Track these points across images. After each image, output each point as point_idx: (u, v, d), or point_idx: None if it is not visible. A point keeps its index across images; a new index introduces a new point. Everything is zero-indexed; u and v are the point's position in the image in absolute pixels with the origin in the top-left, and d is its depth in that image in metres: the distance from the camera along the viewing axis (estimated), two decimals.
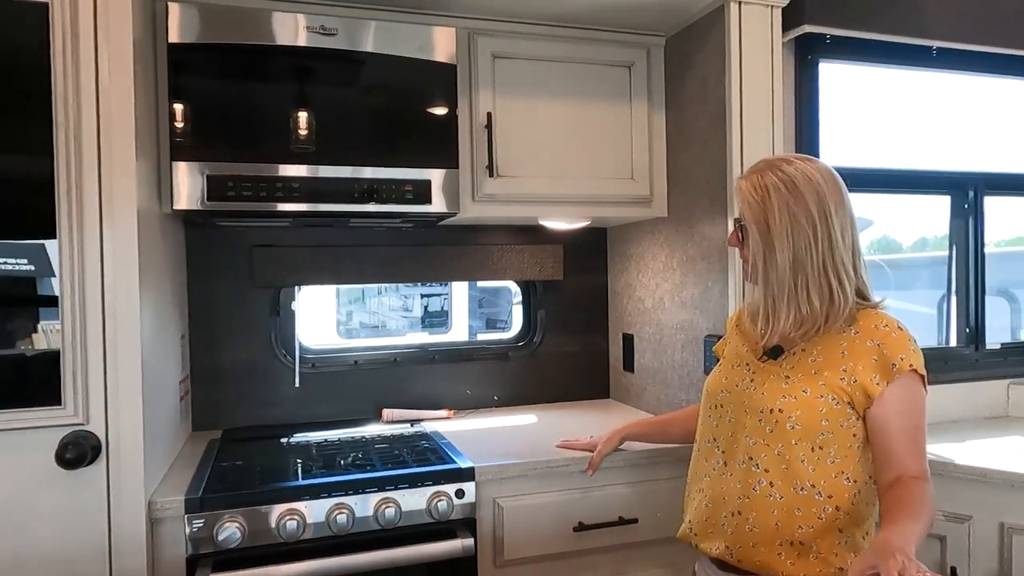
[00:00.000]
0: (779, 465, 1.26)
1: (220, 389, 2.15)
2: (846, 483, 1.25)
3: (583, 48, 2.02)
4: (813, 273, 1.24)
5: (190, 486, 1.57)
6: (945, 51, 2.04)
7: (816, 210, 1.23)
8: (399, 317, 5.15)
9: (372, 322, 5.13)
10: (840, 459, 1.25)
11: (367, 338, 4.92)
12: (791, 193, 1.24)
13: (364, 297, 5.02)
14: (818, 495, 1.24)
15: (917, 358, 1.23)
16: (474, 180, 1.94)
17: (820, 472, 1.24)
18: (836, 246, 1.24)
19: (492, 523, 1.70)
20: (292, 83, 1.75)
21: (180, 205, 1.66)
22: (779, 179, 1.26)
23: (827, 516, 1.24)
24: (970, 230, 2.24)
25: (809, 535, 1.24)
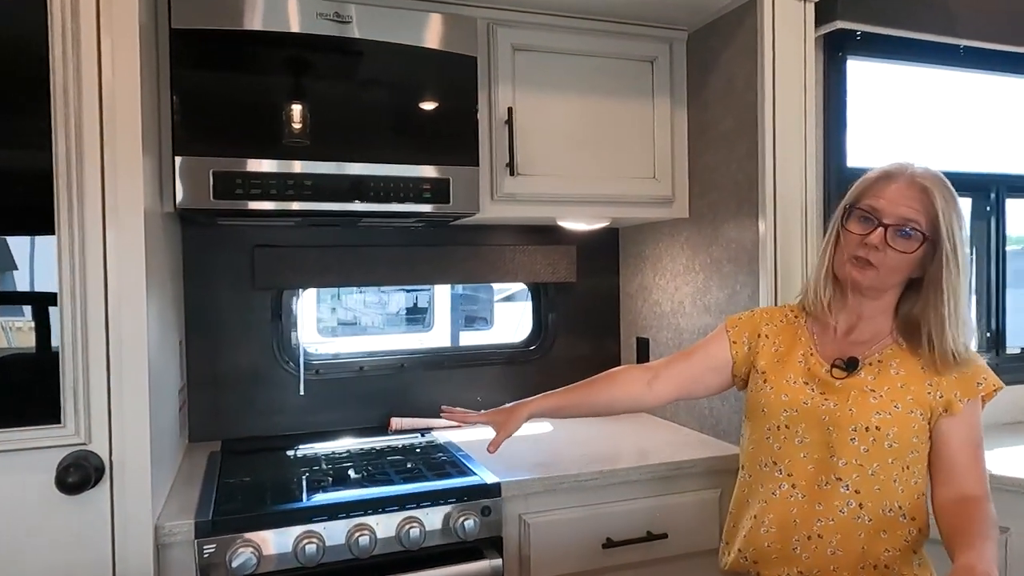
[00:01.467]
0: (872, 486, 1.20)
1: (218, 397, 2.03)
2: (925, 503, 1.19)
3: (604, 41, 1.94)
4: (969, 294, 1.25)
5: (198, 507, 1.46)
6: (972, 50, 2.00)
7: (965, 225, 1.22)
8: (375, 314, 5.04)
9: (348, 319, 5.01)
10: (920, 478, 1.20)
11: (346, 336, 4.80)
12: (955, 202, 1.23)
13: (340, 294, 4.90)
14: (903, 517, 1.19)
15: (996, 383, 1.22)
16: (493, 179, 1.85)
17: (907, 493, 1.19)
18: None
19: (518, 541, 1.62)
20: (304, 73, 1.64)
21: (184, 203, 1.55)
22: (949, 189, 1.23)
23: (912, 539, 1.19)
24: (992, 232, 2.21)
25: (894, 559, 1.18)
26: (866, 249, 1.21)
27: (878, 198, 1.23)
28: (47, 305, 1.29)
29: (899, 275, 1.23)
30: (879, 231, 1.20)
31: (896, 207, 1.20)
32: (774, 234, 1.76)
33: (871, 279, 1.23)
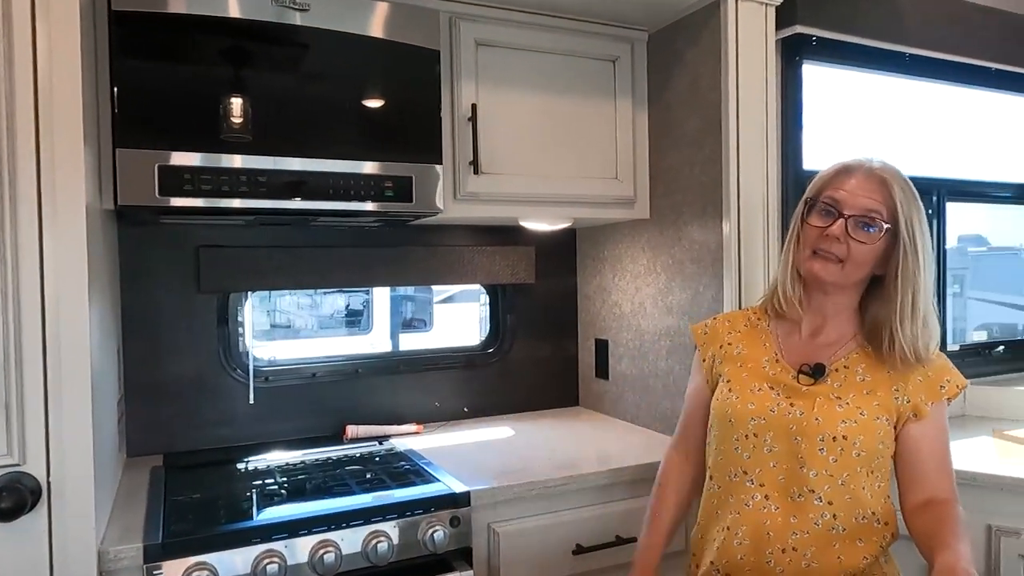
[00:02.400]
0: (843, 496, 1.19)
1: (160, 408, 1.90)
2: (892, 504, 1.21)
3: (567, 39, 1.91)
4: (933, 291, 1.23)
5: (145, 529, 1.35)
6: (918, 58, 2.08)
7: (925, 221, 1.22)
8: (308, 316, 4.89)
9: (282, 322, 4.84)
10: (884, 481, 1.21)
11: (280, 340, 4.63)
12: (916, 199, 1.22)
13: (272, 296, 4.72)
14: (877, 522, 1.19)
15: (960, 382, 1.24)
16: (456, 177, 1.79)
17: (876, 497, 1.19)
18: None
19: (487, 551, 1.57)
20: (260, 63, 1.54)
21: (127, 200, 1.43)
22: (908, 183, 1.23)
23: (886, 543, 1.19)
24: (934, 234, 2.29)
25: (873, 566, 1.18)
26: (828, 241, 1.20)
27: (838, 190, 1.22)
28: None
29: (862, 269, 1.22)
30: (840, 222, 1.20)
31: (856, 198, 1.20)
32: (738, 235, 1.77)
33: (833, 273, 1.22)
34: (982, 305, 3.00)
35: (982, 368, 2.36)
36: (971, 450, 1.92)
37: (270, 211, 1.57)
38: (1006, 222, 2.73)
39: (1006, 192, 2.52)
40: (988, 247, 3.02)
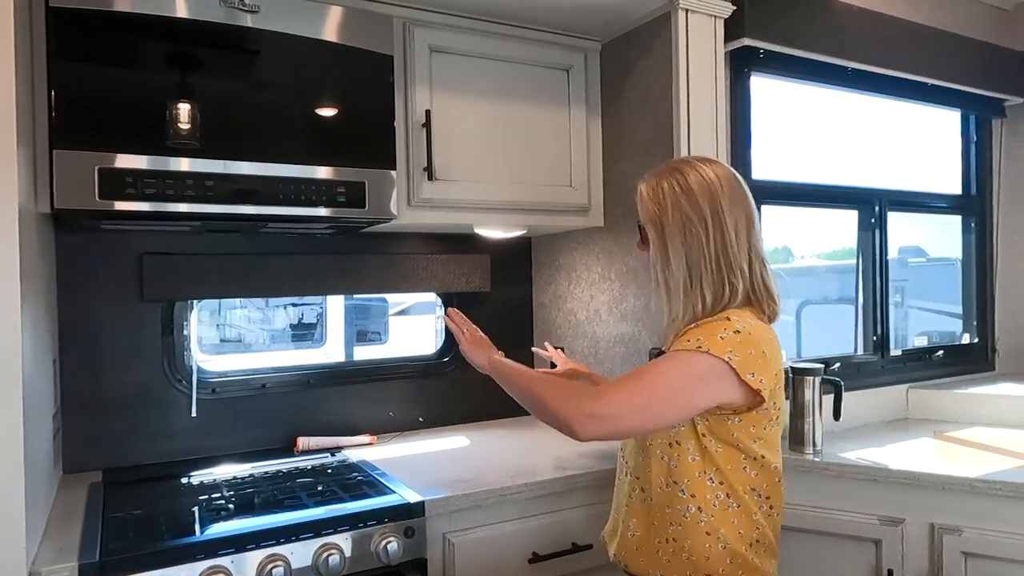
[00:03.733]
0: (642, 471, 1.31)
1: (99, 422, 1.82)
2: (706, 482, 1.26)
3: (522, 48, 1.92)
4: (707, 271, 1.23)
5: (81, 547, 1.29)
6: (858, 72, 2.15)
7: (708, 210, 1.23)
8: (259, 330, 4.77)
9: (232, 336, 4.72)
10: (697, 455, 1.26)
11: (230, 355, 4.50)
12: (684, 194, 1.25)
13: (222, 309, 4.60)
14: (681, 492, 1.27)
15: (712, 343, 1.18)
16: (410, 183, 1.78)
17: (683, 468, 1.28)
18: (729, 245, 1.23)
19: (443, 561, 1.54)
20: (207, 64, 1.50)
21: (64, 203, 1.37)
22: (676, 180, 1.26)
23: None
24: (876, 243, 2.37)
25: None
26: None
27: None
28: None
29: (652, 266, 1.31)
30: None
31: None
32: None
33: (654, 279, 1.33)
34: (922, 314, 3.11)
35: (923, 372, 2.44)
36: (914, 451, 1.98)
37: (217, 216, 1.52)
38: (942, 235, 2.84)
39: (943, 203, 2.62)
40: (927, 258, 3.14)
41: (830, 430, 2.04)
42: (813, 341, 3.86)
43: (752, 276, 1.25)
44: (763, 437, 1.26)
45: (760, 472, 1.27)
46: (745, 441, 1.25)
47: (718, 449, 1.25)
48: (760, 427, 1.25)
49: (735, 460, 1.25)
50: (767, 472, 1.27)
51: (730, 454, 1.25)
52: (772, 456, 1.28)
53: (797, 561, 1.85)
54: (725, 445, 1.24)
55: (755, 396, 1.20)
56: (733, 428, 1.24)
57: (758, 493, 1.27)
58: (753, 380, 1.18)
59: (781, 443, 1.93)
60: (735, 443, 1.24)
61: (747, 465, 1.26)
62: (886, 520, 1.77)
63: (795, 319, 3.78)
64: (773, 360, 1.22)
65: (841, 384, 1.96)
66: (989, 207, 2.64)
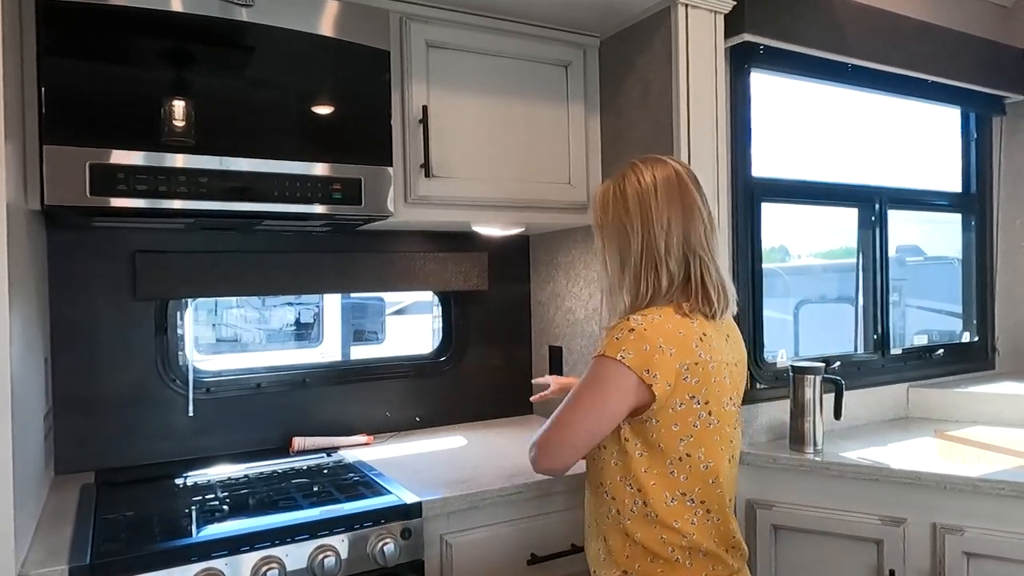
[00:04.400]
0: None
1: (92, 423, 1.79)
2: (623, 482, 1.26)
3: (519, 43, 1.90)
4: (631, 272, 1.27)
5: (71, 550, 1.26)
6: (859, 69, 2.13)
7: (638, 213, 1.27)
8: (256, 330, 4.75)
9: (228, 336, 4.69)
10: (618, 459, 1.28)
11: (229, 354, 4.48)
12: (621, 198, 1.29)
13: (219, 309, 4.57)
14: (605, 494, 1.30)
15: (609, 346, 1.20)
16: (407, 180, 1.75)
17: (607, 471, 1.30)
18: (654, 246, 1.25)
19: (440, 563, 1.52)
20: (200, 58, 1.48)
21: (54, 200, 1.35)
22: (617, 186, 1.31)
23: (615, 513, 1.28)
24: (876, 241, 2.35)
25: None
26: None
27: None
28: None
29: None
30: None
31: None
32: None
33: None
34: (920, 313, 3.10)
35: (923, 371, 2.42)
36: (914, 450, 1.96)
37: (210, 213, 1.50)
38: (939, 234, 2.83)
39: (943, 200, 2.61)
40: (924, 257, 3.13)
41: (830, 429, 2.03)
42: (811, 340, 3.85)
43: (688, 272, 1.25)
44: (692, 435, 1.22)
45: (689, 475, 1.23)
46: (668, 442, 1.21)
47: (642, 453, 1.23)
48: (687, 424, 1.21)
49: (660, 464, 1.22)
50: (696, 474, 1.23)
51: (655, 458, 1.22)
52: (706, 454, 1.23)
53: (797, 562, 1.84)
54: (648, 448, 1.22)
55: (651, 392, 1.18)
56: (652, 430, 1.22)
57: (690, 498, 1.23)
58: (647, 376, 1.17)
59: (781, 443, 1.95)
60: (656, 445, 1.22)
61: (674, 469, 1.22)
62: (887, 520, 1.76)
63: (793, 318, 3.77)
64: (678, 353, 1.19)
65: (842, 383, 1.95)
66: (989, 205, 2.62)
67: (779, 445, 1.95)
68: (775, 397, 2.01)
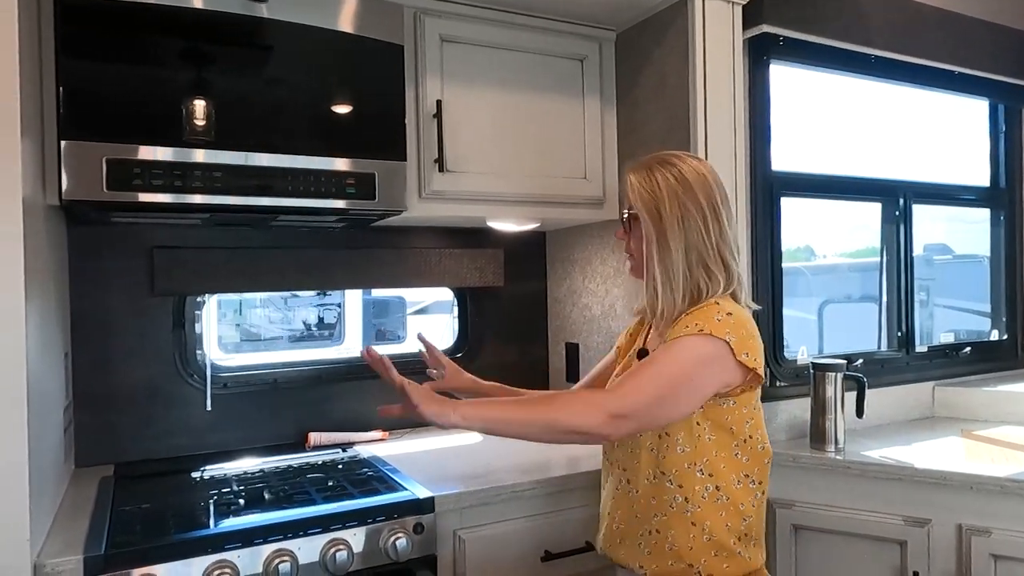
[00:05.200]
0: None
1: (110, 417, 1.82)
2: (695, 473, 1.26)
3: (534, 37, 1.89)
4: (704, 261, 1.27)
5: (87, 540, 1.28)
6: (882, 60, 2.08)
7: (705, 201, 1.27)
8: (279, 330, 4.79)
9: (251, 335, 4.74)
10: (688, 446, 1.27)
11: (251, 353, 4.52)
12: (680, 185, 1.28)
13: (243, 309, 4.62)
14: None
15: (713, 326, 1.20)
16: (421, 175, 1.75)
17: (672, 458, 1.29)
18: (725, 236, 1.28)
19: (453, 559, 1.51)
20: (213, 55, 1.49)
21: (71, 195, 1.36)
22: (669, 172, 1.29)
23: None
24: (900, 236, 2.30)
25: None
26: (623, 244, 1.39)
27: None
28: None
29: (642, 255, 1.32)
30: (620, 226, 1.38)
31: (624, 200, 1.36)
32: None
33: (632, 269, 1.37)
34: (948, 313, 3.03)
35: (950, 369, 2.36)
36: (940, 450, 1.92)
37: (225, 208, 1.51)
38: (968, 232, 2.76)
39: (970, 195, 2.55)
40: (952, 256, 3.06)
41: (852, 428, 1.99)
42: (835, 341, 3.78)
43: (729, 269, 1.29)
44: (753, 417, 1.28)
45: (751, 456, 1.28)
46: (738, 424, 1.26)
47: (711, 437, 1.25)
48: (751, 407, 1.28)
49: (728, 447, 1.26)
50: (756, 455, 1.29)
51: (722, 441, 1.26)
52: (761, 434, 1.30)
53: (818, 562, 1.80)
54: (719, 431, 1.25)
55: (747, 375, 1.23)
56: (727, 412, 1.25)
57: (752, 480, 1.28)
58: (748, 359, 1.21)
59: (801, 441, 1.92)
60: (728, 427, 1.26)
61: (739, 451, 1.27)
62: (911, 521, 1.71)
63: (817, 318, 3.71)
64: (759, 341, 1.26)
65: (864, 380, 1.91)
66: (1019, 199, 2.55)
67: (799, 444, 1.92)
68: (795, 395, 1.98)
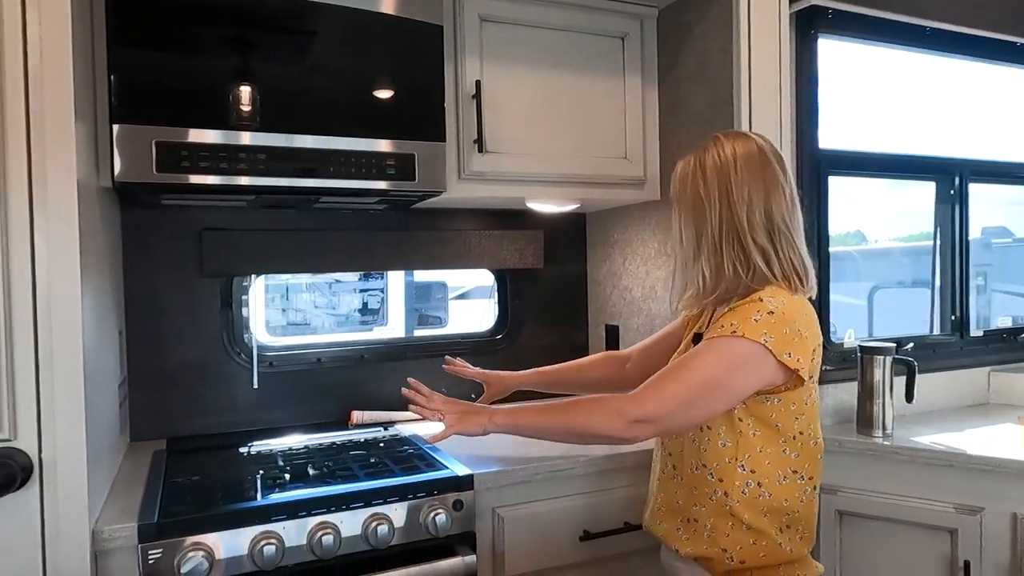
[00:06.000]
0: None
1: (162, 393, 1.88)
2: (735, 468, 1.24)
3: (574, 15, 1.87)
4: (706, 247, 1.26)
5: (141, 509, 1.33)
6: (938, 32, 2.00)
7: (717, 187, 1.25)
8: (325, 315, 4.88)
9: (297, 319, 4.84)
10: (729, 440, 1.26)
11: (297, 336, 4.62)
12: (700, 172, 1.28)
13: (289, 294, 4.72)
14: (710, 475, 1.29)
15: (747, 327, 1.18)
16: (460, 156, 1.75)
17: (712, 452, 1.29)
18: (736, 220, 1.23)
19: (491, 536, 1.53)
20: (257, 37, 1.51)
21: (123, 176, 1.41)
22: (697, 159, 1.30)
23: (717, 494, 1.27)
24: (955, 217, 2.22)
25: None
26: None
27: None
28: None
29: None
30: None
31: None
32: None
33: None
34: (1007, 299, 2.92)
35: (1006, 355, 2.27)
36: (994, 437, 1.85)
37: (269, 189, 1.54)
38: None
39: None
40: (1013, 239, 2.94)
41: (901, 414, 1.93)
42: (886, 327, 3.67)
43: (776, 252, 1.23)
44: (803, 413, 1.24)
45: (801, 452, 1.24)
46: (785, 421, 1.23)
47: (755, 432, 1.22)
48: (800, 403, 1.23)
49: (774, 443, 1.23)
50: (807, 450, 1.25)
51: (768, 436, 1.23)
52: (813, 429, 1.26)
53: (864, 549, 1.77)
54: (763, 427, 1.22)
55: (793, 376, 1.18)
56: (772, 410, 1.22)
57: (800, 475, 1.25)
58: (790, 360, 1.17)
59: (847, 426, 1.88)
60: (773, 424, 1.22)
61: (787, 447, 1.23)
62: (963, 508, 1.66)
63: (867, 303, 3.61)
64: (810, 337, 1.20)
65: (915, 364, 1.85)
66: None
67: (845, 428, 1.88)
68: (842, 379, 1.94)
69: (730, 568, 1.24)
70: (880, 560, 1.75)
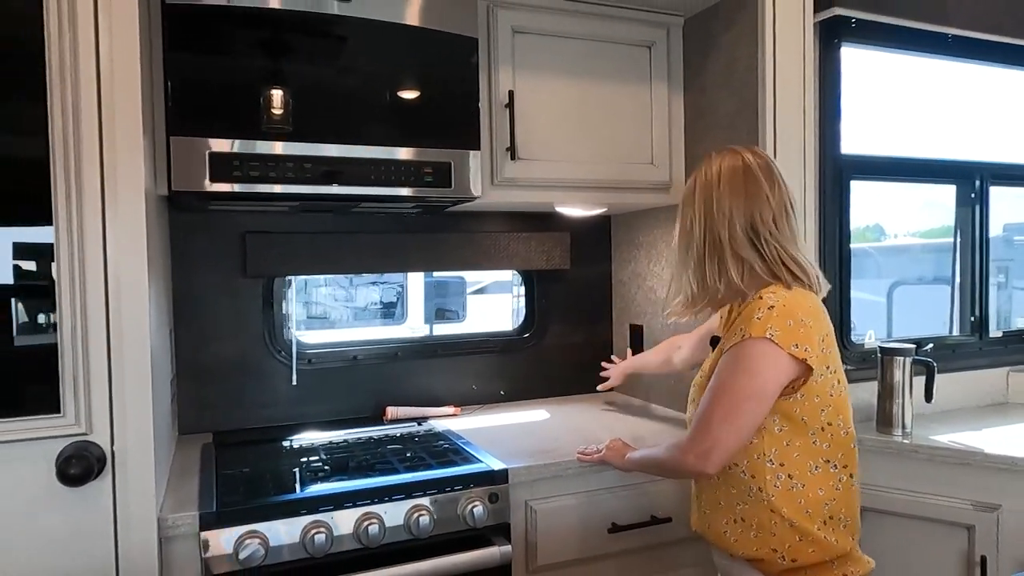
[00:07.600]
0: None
1: (208, 389, 1.97)
2: (764, 464, 1.28)
3: (603, 25, 1.93)
4: (691, 259, 1.34)
5: (199, 499, 1.42)
6: (960, 39, 2.04)
7: (701, 203, 1.32)
8: (343, 308, 4.97)
9: (319, 313, 4.93)
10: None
11: (319, 330, 4.71)
12: (691, 191, 1.36)
13: (308, 287, 4.81)
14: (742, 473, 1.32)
15: (752, 327, 1.22)
16: (493, 163, 1.82)
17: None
18: (717, 235, 1.30)
19: (524, 527, 1.61)
20: (303, 52, 1.59)
21: (179, 186, 1.49)
22: (693, 178, 1.37)
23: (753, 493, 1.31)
24: (976, 219, 2.25)
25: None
26: None
27: None
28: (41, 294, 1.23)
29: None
30: None
31: None
32: None
33: None
34: None
35: None
36: (1013, 436, 1.90)
37: (316, 197, 1.62)
38: None
39: None
40: None
41: (920, 413, 1.99)
42: (906, 324, 3.68)
43: (762, 255, 1.28)
44: (829, 404, 1.27)
45: (831, 442, 1.27)
46: (810, 415, 1.25)
47: (781, 428, 1.26)
48: (825, 394, 1.26)
49: (802, 436, 1.26)
50: (838, 440, 1.28)
51: (795, 430, 1.26)
52: (843, 419, 1.29)
53: (885, 544, 1.82)
54: (789, 422, 1.26)
55: (804, 366, 1.22)
56: (795, 405, 1.25)
57: (833, 464, 1.28)
58: (797, 351, 1.21)
59: (867, 425, 1.93)
60: (799, 419, 1.25)
61: (816, 439, 1.26)
62: (980, 506, 1.72)
63: (886, 300, 3.63)
64: (815, 325, 1.24)
65: (934, 365, 1.90)
66: None
67: (865, 427, 1.93)
68: (862, 379, 1.99)
69: (783, 568, 1.27)
70: (899, 555, 1.81)
